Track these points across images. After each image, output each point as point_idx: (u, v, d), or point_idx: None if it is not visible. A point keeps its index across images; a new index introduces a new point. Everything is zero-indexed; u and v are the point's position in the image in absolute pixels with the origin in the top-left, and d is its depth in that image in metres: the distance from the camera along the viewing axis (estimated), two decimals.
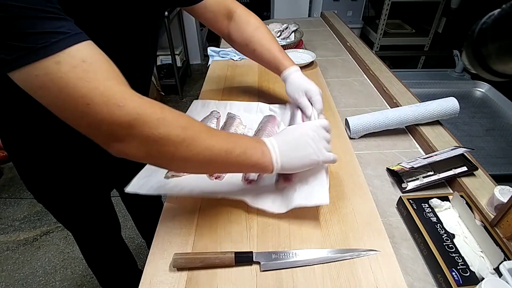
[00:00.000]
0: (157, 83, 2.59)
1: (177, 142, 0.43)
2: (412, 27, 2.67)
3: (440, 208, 0.57)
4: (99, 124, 0.40)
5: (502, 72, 0.37)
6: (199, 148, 0.45)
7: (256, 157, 0.50)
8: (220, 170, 0.57)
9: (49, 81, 0.37)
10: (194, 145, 0.44)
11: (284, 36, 1.27)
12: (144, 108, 0.41)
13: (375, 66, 1.07)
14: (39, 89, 0.38)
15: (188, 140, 0.44)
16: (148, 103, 0.42)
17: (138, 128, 0.41)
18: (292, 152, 0.53)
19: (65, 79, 0.37)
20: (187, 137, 0.44)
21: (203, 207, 0.59)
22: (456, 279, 0.45)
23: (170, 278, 0.48)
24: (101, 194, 0.81)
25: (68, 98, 0.38)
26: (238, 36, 0.77)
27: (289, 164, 0.53)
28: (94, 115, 0.39)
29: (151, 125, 0.41)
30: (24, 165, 0.68)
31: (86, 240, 0.89)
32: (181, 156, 0.44)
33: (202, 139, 0.45)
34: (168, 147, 0.43)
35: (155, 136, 0.41)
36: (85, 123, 0.40)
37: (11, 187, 1.92)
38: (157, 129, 0.41)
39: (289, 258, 0.50)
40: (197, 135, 0.45)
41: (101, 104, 0.39)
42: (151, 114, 0.41)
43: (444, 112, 0.77)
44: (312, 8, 2.75)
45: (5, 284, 1.44)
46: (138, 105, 0.40)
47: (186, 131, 0.44)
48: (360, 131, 0.78)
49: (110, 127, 0.40)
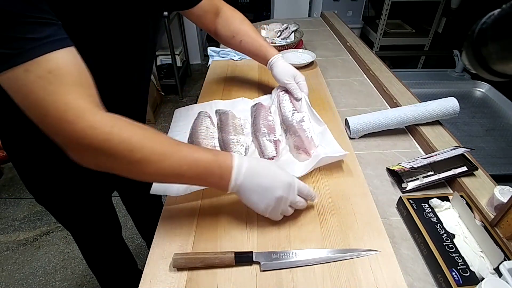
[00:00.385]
0: (157, 83, 2.59)
1: (124, 164, 0.45)
2: (412, 27, 2.67)
3: (440, 208, 0.57)
4: (54, 135, 0.43)
5: (502, 72, 0.37)
6: (147, 170, 0.46)
7: (212, 180, 0.50)
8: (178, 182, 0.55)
9: (17, 87, 0.40)
10: (142, 168, 0.46)
11: (284, 36, 1.27)
12: (94, 127, 0.42)
13: (375, 66, 1.07)
14: (11, 92, 0.40)
15: (135, 164, 0.45)
16: (101, 122, 0.43)
17: (86, 146, 0.42)
18: (255, 192, 0.51)
19: (30, 87, 0.39)
20: (134, 160, 0.44)
21: (203, 207, 0.59)
22: (456, 279, 0.45)
23: (170, 278, 0.48)
24: (102, 196, 0.81)
25: (31, 105, 0.41)
26: (225, 30, 0.84)
27: (245, 195, 0.52)
28: (50, 126, 0.42)
29: (97, 146, 0.43)
30: (24, 167, 0.68)
31: (87, 241, 0.89)
32: (132, 175, 0.47)
33: (151, 162, 0.45)
34: (116, 165, 0.46)
35: (102, 155, 0.44)
36: (45, 130, 0.43)
37: (11, 187, 1.92)
38: (102, 150, 0.43)
39: (289, 258, 0.50)
40: (146, 158, 0.45)
41: (56, 118, 0.41)
42: (98, 135, 0.42)
43: (444, 112, 0.77)
44: (312, 8, 2.75)
45: (5, 284, 1.44)
46: (89, 125, 0.42)
47: (133, 154, 0.44)
48: (360, 131, 0.78)
49: (62, 140, 0.43)
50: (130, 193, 1.06)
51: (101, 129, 0.42)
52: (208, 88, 0.98)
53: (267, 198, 0.51)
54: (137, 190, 1.05)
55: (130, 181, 0.60)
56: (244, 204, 0.54)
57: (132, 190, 1.04)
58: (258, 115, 0.78)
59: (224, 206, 0.59)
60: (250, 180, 0.50)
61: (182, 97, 2.77)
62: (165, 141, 0.48)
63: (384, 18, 2.44)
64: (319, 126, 0.75)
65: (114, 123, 0.44)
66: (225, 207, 0.59)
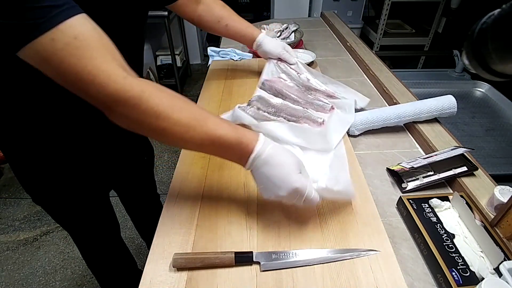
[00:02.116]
0: (157, 83, 2.59)
1: (150, 130, 0.47)
2: (412, 27, 2.67)
3: (440, 208, 0.57)
4: (91, 98, 0.44)
5: (502, 72, 0.37)
6: (170, 138, 0.48)
7: (231, 157, 0.51)
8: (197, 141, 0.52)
9: (47, 57, 0.40)
10: (166, 136, 0.47)
11: (284, 36, 1.26)
12: (126, 90, 0.43)
13: (375, 66, 1.07)
14: (41, 64, 0.41)
15: (160, 131, 0.46)
16: (131, 85, 0.44)
17: (118, 108, 0.44)
18: (267, 180, 0.50)
19: (60, 56, 0.40)
20: (159, 128, 0.46)
21: (203, 207, 0.59)
22: (456, 279, 0.45)
23: (170, 278, 0.48)
24: (99, 195, 0.81)
25: (64, 73, 0.41)
26: (209, 15, 0.87)
27: (258, 179, 0.51)
28: (85, 91, 0.43)
29: (127, 109, 0.44)
30: (21, 167, 0.68)
31: (85, 241, 0.89)
32: (159, 139, 0.49)
33: (175, 132, 0.47)
34: (143, 130, 0.48)
35: (130, 118, 0.45)
36: (82, 95, 0.44)
37: (11, 187, 1.92)
38: (131, 114, 0.45)
39: (289, 258, 0.50)
40: (170, 128, 0.46)
41: (89, 83, 0.42)
42: (129, 99, 0.43)
43: (442, 107, 0.77)
44: (312, 8, 2.75)
45: (5, 284, 1.44)
46: (119, 87, 0.43)
47: (158, 123, 0.46)
48: (358, 124, 0.77)
49: (96, 102, 0.44)
50: (129, 193, 1.06)
51: (131, 92, 0.43)
52: (208, 88, 0.98)
53: (282, 187, 0.49)
54: (135, 190, 1.05)
55: (127, 180, 0.60)
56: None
57: (130, 189, 1.04)
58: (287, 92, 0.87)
59: (224, 206, 0.59)
60: (267, 168, 0.49)
61: None
62: (192, 112, 0.48)
63: (384, 18, 2.44)
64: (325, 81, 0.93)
65: (144, 88, 0.44)
66: (225, 207, 0.59)
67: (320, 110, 0.81)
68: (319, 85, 0.92)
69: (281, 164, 0.49)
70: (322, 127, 0.74)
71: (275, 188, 0.49)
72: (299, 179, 0.49)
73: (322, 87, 0.91)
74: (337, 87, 0.92)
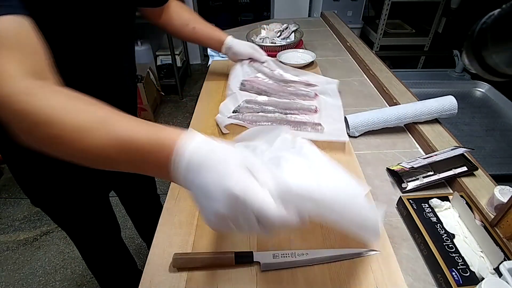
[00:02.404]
0: (157, 83, 2.59)
1: (43, 140, 0.38)
2: (412, 27, 2.67)
3: (440, 208, 0.57)
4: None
5: (502, 72, 0.37)
6: (66, 149, 0.38)
7: (149, 169, 0.38)
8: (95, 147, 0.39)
9: None
10: (61, 146, 0.37)
11: (284, 36, 1.26)
12: (9, 96, 0.37)
13: (375, 66, 1.07)
14: None
15: (53, 140, 0.37)
16: (20, 90, 0.37)
17: (2, 112, 0.38)
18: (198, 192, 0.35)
19: None
20: (51, 135, 0.37)
21: None
22: (456, 279, 0.45)
23: (170, 278, 0.48)
24: (99, 196, 0.81)
25: None
26: (177, 19, 0.87)
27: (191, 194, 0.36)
28: None
29: (12, 116, 0.38)
30: (19, 169, 0.67)
31: (85, 242, 0.89)
32: (60, 155, 0.39)
33: (71, 140, 0.37)
34: (37, 142, 0.39)
35: (20, 127, 0.38)
36: None
37: (11, 187, 1.92)
38: (18, 121, 0.38)
39: (289, 258, 0.49)
40: (64, 134, 0.36)
41: None
42: (13, 103, 0.37)
43: (442, 108, 0.77)
44: (312, 8, 2.75)
45: (5, 284, 1.44)
46: (6, 92, 0.37)
47: (48, 130, 0.36)
48: (358, 126, 0.77)
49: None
50: (128, 193, 1.06)
51: (17, 97, 0.36)
52: (208, 88, 0.98)
53: (215, 195, 0.33)
54: (135, 191, 1.05)
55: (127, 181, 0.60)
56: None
57: (130, 190, 1.04)
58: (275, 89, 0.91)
59: None
60: (196, 174, 0.33)
61: (182, 97, 2.77)
62: (97, 114, 0.37)
63: (384, 18, 2.44)
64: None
65: (36, 91, 0.37)
66: None
67: (306, 99, 0.87)
68: (292, 77, 0.98)
69: (216, 165, 0.33)
70: (317, 114, 0.81)
71: (210, 202, 0.33)
72: (241, 180, 0.32)
73: (296, 79, 0.97)
74: (308, 76, 0.98)
